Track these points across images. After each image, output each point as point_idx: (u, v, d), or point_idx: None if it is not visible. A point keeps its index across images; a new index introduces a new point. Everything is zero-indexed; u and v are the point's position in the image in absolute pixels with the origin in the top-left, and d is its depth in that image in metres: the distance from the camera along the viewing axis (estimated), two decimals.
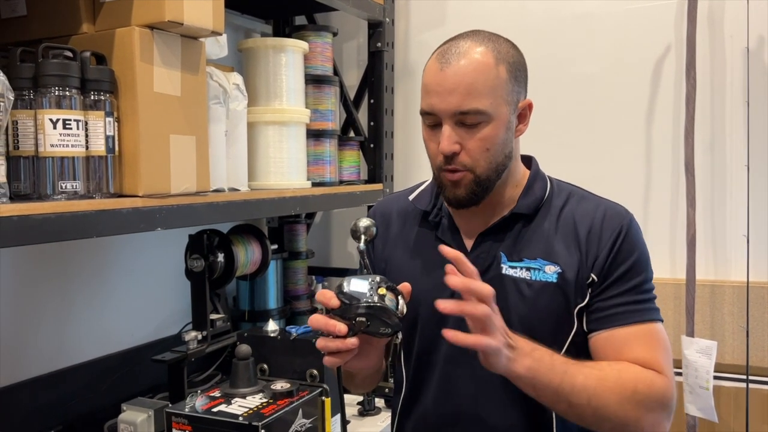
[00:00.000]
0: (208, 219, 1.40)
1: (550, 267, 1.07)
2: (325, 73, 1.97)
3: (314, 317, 0.97)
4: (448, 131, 1.03)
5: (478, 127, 1.03)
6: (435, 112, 1.04)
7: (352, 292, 0.94)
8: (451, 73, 1.02)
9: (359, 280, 0.95)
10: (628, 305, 1.06)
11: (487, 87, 1.02)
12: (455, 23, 2.26)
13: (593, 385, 0.98)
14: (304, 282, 2.21)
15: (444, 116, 1.03)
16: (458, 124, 1.03)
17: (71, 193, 1.13)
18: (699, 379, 1.79)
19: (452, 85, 1.02)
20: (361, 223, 1.04)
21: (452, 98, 1.02)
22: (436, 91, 1.04)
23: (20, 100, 1.11)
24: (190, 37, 1.30)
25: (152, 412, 1.38)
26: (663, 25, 2.00)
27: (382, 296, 0.94)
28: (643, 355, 1.03)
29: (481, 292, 0.91)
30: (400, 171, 2.31)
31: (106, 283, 1.74)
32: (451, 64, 1.03)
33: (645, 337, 1.05)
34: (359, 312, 0.92)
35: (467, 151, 1.04)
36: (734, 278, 1.92)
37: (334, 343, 0.94)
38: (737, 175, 1.91)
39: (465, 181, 1.06)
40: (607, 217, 1.09)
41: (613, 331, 1.05)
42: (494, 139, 1.05)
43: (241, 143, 1.61)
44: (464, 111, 1.02)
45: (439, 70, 1.04)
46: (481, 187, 1.07)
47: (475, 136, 1.04)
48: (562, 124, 2.12)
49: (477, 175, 1.06)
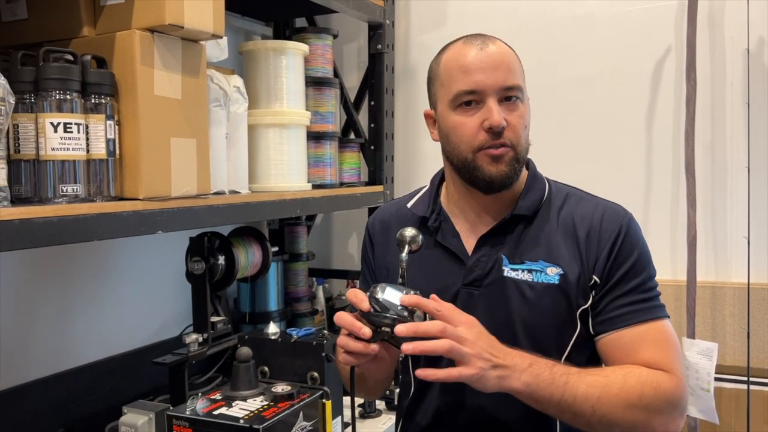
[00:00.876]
0: (208, 222, 1.40)
1: (552, 269, 1.07)
2: (325, 75, 1.97)
3: (341, 314, 0.98)
4: (497, 105, 1.06)
5: (516, 105, 1.07)
6: (481, 88, 1.06)
7: (384, 300, 0.94)
8: (492, 51, 1.07)
9: (394, 290, 0.96)
10: (633, 305, 1.06)
11: (519, 70, 1.09)
12: (455, 25, 2.26)
13: (597, 393, 0.97)
14: (305, 284, 2.20)
15: (490, 92, 1.06)
16: (501, 100, 1.07)
17: (72, 196, 1.13)
18: (700, 381, 1.79)
19: (496, 62, 1.06)
20: (407, 232, 1.03)
21: (498, 74, 1.05)
22: (480, 68, 1.06)
23: (21, 103, 1.11)
24: (190, 40, 1.30)
25: (153, 415, 1.38)
26: (663, 27, 2.00)
27: (412, 312, 0.94)
28: (652, 355, 1.04)
29: (428, 331, 0.92)
30: (400, 173, 2.31)
31: (107, 286, 1.74)
32: (489, 45, 1.07)
33: (653, 337, 1.05)
34: (386, 322, 0.93)
35: (511, 127, 1.07)
36: (735, 280, 1.92)
37: (357, 344, 0.95)
38: (738, 177, 1.91)
39: (507, 158, 1.07)
40: (605, 218, 1.09)
41: (620, 333, 1.05)
42: (527, 118, 1.10)
43: (242, 146, 1.61)
44: (509, 86, 1.06)
45: (480, 50, 1.07)
46: (519, 165, 1.09)
47: (516, 113, 1.07)
48: (562, 125, 2.12)
49: (517, 153, 1.08)
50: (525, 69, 1.13)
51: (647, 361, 1.03)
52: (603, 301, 1.07)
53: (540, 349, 1.06)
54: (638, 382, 1.00)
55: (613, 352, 1.06)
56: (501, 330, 1.07)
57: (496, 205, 1.13)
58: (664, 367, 1.03)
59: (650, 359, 1.03)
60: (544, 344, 1.07)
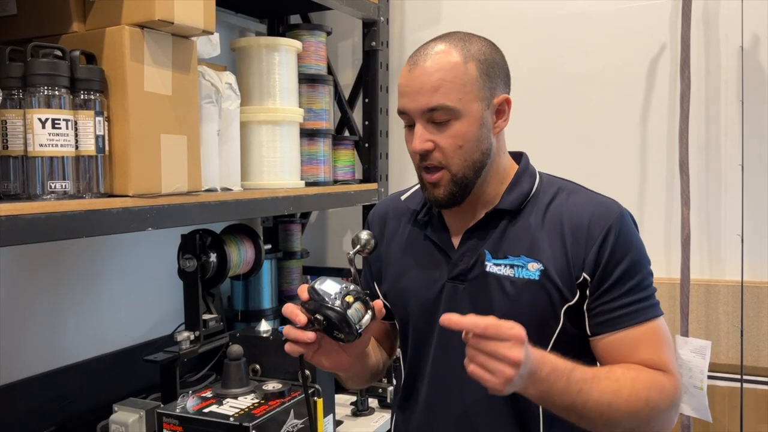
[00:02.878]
0: (199, 219, 1.39)
1: (533, 264, 1.07)
2: (318, 73, 1.96)
3: (286, 305, 1.01)
4: (420, 130, 1.06)
5: (448, 125, 1.06)
6: (406, 111, 1.08)
7: (321, 290, 0.97)
8: (418, 73, 1.06)
9: (333, 283, 0.98)
10: (631, 305, 1.06)
11: (455, 84, 1.05)
12: (450, 22, 2.26)
13: (608, 400, 0.99)
14: (299, 282, 2.20)
15: (414, 115, 1.07)
16: (429, 122, 1.06)
17: (61, 193, 1.12)
18: (693, 379, 1.79)
19: (419, 84, 1.05)
20: (362, 235, 1.07)
21: (420, 97, 1.05)
22: (405, 92, 1.07)
23: (9, 99, 1.11)
24: (181, 36, 1.30)
25: (144, 413, 1.38)
26: (657, 24, 1.99)
27: (348, 304, 0.97)
28: (650, 356, 1.05)
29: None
30: (394, 170, 2.30)
31: (99, 283, 1.73)
32: (418, 65, 1.07)
33: (650, 337, 1.06)
34: (319, 310, 0.96)
35: (440, 149, 1.07)
36: (729, 278, 1.92)
37: (294, 332, 0.98)
38: (732, 175, 1.91)
39: (443, 181, 1.08)
40: (595, 214, 1.08)
41: (618, 334, 1.06)
42: (467, 135, 1.06)
43: (234, 143, 1.60)
44: (431, 108, 1.05)
45: (408, 71, 1.08)
46: (459, 186, 1.08)
47: (446, 133, 1.06)
48: (556, 123, 2.11)
49: (453, 174, 1.07)
50: (519, 66, 1.12)
51: (645, 361, 1.05)
52: (599, 301, 1.06)
53: None
54: (645, 387, 1.02)
55: (610, 353, 1.07)
56: None
57: (481, 201, 1.13)
58: (662, 367, 1.05)
59: (648, 359, 1.05)
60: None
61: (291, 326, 0.99)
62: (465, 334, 0.92)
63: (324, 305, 0.95)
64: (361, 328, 0.97)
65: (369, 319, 0.98)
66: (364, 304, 0.98)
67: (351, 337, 0.97)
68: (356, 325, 0.96)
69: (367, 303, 0.99)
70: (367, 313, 0.98)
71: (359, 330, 0.97)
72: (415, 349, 1.17)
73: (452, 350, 1.10)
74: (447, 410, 1.12)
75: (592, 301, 1.07)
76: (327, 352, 1.02)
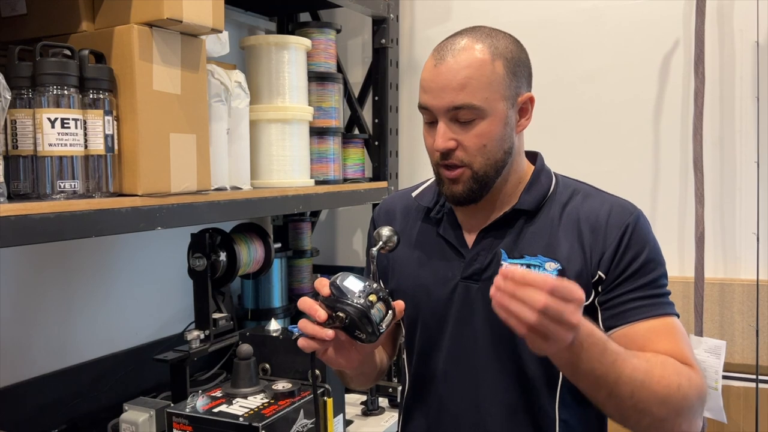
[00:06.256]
0: (209, 218, 1.39)
1: (550, 263, 1.05)
2: (328, 70, 1.96)
3: (303, 299, 0.97)
4: (443, 128, 1.04)
5: (473, 123, 1.03)
6: (429, 108, 1.05)
7: (343, 286, 0.94)
8: (444, 69, 1.03)
9: (356, 280, 0.96)
10: (644, 299, 1.04)
11: (481, 83, 1.02)
12: (460, 19, 2.24)
13: (641, 378, 0.93)
14: (309, 280, 2.20)
15: (438, 112, 1.04)
16: (453, 120, 1.04)
17: (70, 192, 1.12)
18: (708, 379, 1.77)
19: (445, 81, 1.02)
20: (383, 231, 1.04)
21: (445, 94, 1.02)
22: (430, 87, 1.04)
23: (19, 99, 1.11)
24: (189, 34, 1.29)
25: (154, 412, 1.38)
26: (671, 20, 1.97)
27: (371, 303, 0.94)
28: (668, 347, 1.01)
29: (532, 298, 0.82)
30: (405, 168, 2.29)
31: (109, 282, 1.74)
32: (446, 60, 1.03)
33: (665, 331, 1.03)
34: (341, 307, 0.93)
35: (464, 147, 1.04)
36: (744, 276, 1.89)
37: (312, 327, 0.94)
38: (747, 172, 1.89)
39: (463, 178, 1.05)
40: (612, 214, 1.07)
41: (632, 327, 1.03)
42: (491, 134, 1.04)
43: (244, 141, 1.60)
44: (457, 106, 1.02)
45: (434, 66, 1.04)
46: (480, 184, 1.06)
47: (470, 132, 1.03)
48: (569, 120, 2.09)
49: (475, 172, 1.05)
50: (531, 64, 1.10)
51: (666, 351, 1.00)
52: (612, 294, 1.05)
53: None
54: (676, 372, 0.96)
55: (626, 346, 1.01)
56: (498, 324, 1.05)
57: (497, 200, 1.11)
58: (684, 360, 1.00)
59: (668, 350, 1.00)
60: None
61: (308, 321, 0.95)
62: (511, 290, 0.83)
63: (346, 302, 0.93)
64: (382, 329, 0.95)
65: (390, 320, 0.96)
66: (385, 303, 0.96)
67: (372, 338, 0.94)
68: (378, 326, 0.94)
69: (389, 303, 0.97)
70: (388, 313, 0.96)
71: (381, 330, 0.95)
72: (423, 350, 1.15)
73: (465, 350, 1.09)
74: (461, 411, 1.11)
75: (604, 295, 1.05)
76: (338, 348, 0.99)
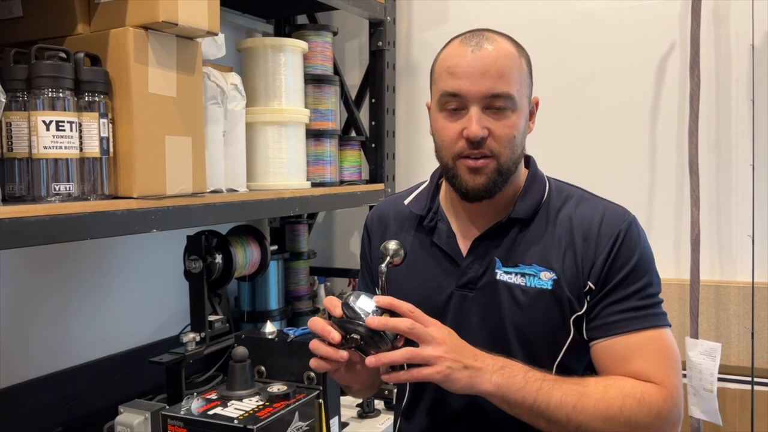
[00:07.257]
0: (204, 220, 1.39)
1: (545, 273, 1.05)
2: (325, 73, 1.96)
3: (314, 319, 0.97)
4: (478, 114, 1.01)
5: (504, 113, 1.02)
6: (463, 94, 1.01)
7: (356, 307, 0.94)
8: (483, 55, 1.01)
9: (367, 299, 0.95)
10: (629, 312, 1.02)
11: (515, 74, 1.02)
12: (457, 22, 2.24)
13: (573, 401, 0.95)
14: (306, 282, 2.20)
15: (473, 99, 1.01)
16: (485, 109, 1.01)
17: (65, 194, 1.12)
18: (703, 382, 1.77)
19: (484, 67, 1.00)
20: (390, 245, 1.02)
21: (485, 80, 1.00)
22: (466, 72, 1.01)
23: (14, 101, 1.11)
24: (185, 37, 1.29)
25: (149, 415, 1.38)
26: (667, 22, 1.97)
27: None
28: (644, 366, 1.00)
29: (397, 326, 0.93)
30: (401, 171, 2.29)
31: (106, 284, 1.73)
32: (483, 47, 1.02)
33: (647, 346, 1.01)
34: (355, 329, 0.93)
35: (495, 137, 1.02)
36: (739, 279, 1.89)
37: (326, 349, 0.94)
38: (742, 175, 1.89)
39: (487, 170, 1.03)
40: (604, 222, 1.06)
41: (613, 340, 1.02)
42: (519, 127, 1.04)
43: (240, 144, 1.60)
44: (496, 94, 1.00)
45: (470, 52, 1.02)
46: (502, 177, 1.04)
47: (502, 122, 1.02)
48: (565, 122, 2.10)
49: (500, 164, 1.03)
50: None
51: (638, 371, 1.00)
52: (598, 306, 1.03)
53: (532, 353, 1.05)
54: (620, 394, 0.97)
55: (604, 360, 1.03)
56: (493, 333, 1.06)
57: (492, 206, 1.09)
58: (655, 379, 0.99)
59: (641, 370, 1.00)
60: (536, 349, 1.05)
61: (320, 342, 0.95)
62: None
63: (360, 324, 0.92)
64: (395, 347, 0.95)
65: (402, 337, 0.95)
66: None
67: None
68: (392, 344, 0.94)
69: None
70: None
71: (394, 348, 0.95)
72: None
73: None
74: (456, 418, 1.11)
75: (592, 306, 1.04)
76: (349, 367, 0.99)
